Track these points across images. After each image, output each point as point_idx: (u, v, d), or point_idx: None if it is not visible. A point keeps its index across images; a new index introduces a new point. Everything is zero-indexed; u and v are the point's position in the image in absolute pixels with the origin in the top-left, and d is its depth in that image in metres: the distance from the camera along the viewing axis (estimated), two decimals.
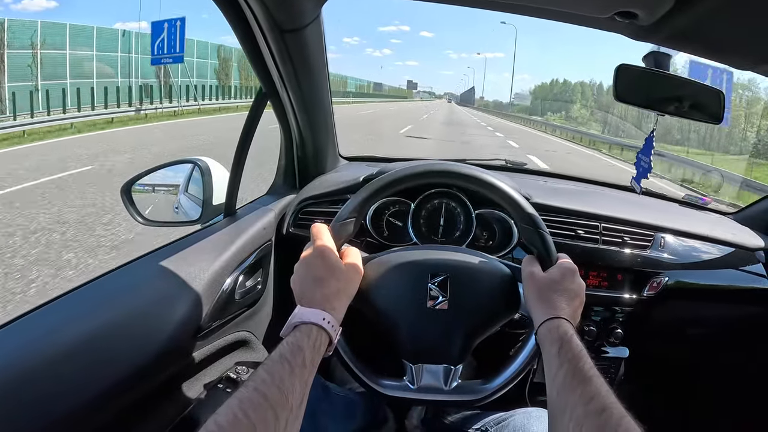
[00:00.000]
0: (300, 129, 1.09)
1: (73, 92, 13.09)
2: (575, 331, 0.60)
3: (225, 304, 0.83)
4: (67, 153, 7.75)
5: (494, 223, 1.06)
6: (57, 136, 9.84)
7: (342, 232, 0.69)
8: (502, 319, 0.72)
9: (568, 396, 0.51)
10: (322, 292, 0.61)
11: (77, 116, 11.87)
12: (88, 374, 0.60)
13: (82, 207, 4.63)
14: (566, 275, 0.67)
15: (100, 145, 8.72)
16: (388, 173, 0.73)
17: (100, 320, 0.65)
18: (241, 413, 0.44)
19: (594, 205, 1.09)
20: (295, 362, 0.52)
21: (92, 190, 5.27)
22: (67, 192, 5.22)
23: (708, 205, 1.37)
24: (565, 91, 50.91)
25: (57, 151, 7.95)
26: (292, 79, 0.93)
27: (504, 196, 0.72)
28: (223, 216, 0.99)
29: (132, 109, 13.77)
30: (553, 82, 58.40)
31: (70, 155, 7.53)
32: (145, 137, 10.00)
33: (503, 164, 1.46)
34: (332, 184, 1.10)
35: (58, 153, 7.78)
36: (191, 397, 0.80)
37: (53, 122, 10.81)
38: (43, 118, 11.10)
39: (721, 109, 0.85)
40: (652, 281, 1.04)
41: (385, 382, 0.72)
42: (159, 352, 0.69)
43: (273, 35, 0.80)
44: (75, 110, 12.57)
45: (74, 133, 10.37)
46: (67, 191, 5.25)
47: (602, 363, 1.09)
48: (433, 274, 0.70)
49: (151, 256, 0.82)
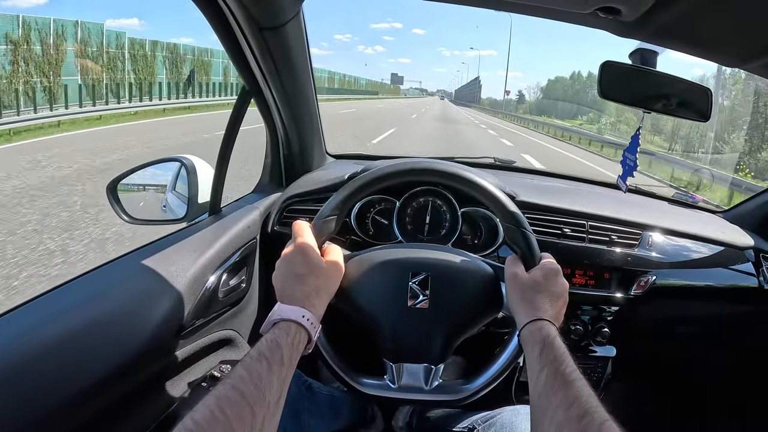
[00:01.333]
0: (285, 127, 1.08)
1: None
2: (558, 333, 0.60)
3: (208, 303, 0.83)
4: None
5: (480, 221, 1.06)
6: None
7: (324, 229, 0.69)
8: (484, 318, 0.72)
9: (549, 399, 0.51)
10: (302, 289, 0.61)
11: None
12: (67, 373, 0.60)
13: None
14: (549, 276, 0.66)
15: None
16: (371, 171, 0.73)
17: (80, 319, 0.65)
18: (217, 410, 0.44)
19: (581, 203, 1.09)
20: (273, 359, 0.51)
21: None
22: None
23: (698, 204, 1.37)
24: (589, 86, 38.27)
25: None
26: (274, 77, 0.92)
27: (486, 194, 0.71)
28: (208, 214, 0.98)
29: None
30: (575, 76, 46.94)
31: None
32: None
33: (492, 162, 1.46)
34: (318, 182, 1.09)
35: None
36: (175, 395, 0.79)
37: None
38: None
39: (709, 106, 0.85)
40: (640, 280, 1.04)
41: (365, 381, 0.71)
42: (141, 350, 0.69)
43: (252, 33, 0.80)
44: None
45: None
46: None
47: (589, 362, 1.09)
48: (414, 272, 0.70)
49: (133, 254, 0.81)
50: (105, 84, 15.36)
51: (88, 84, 14.38)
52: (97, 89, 14.49)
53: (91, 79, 14.80)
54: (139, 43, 17.37)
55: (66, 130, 9.81)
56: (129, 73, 16.59)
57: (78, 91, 13.34)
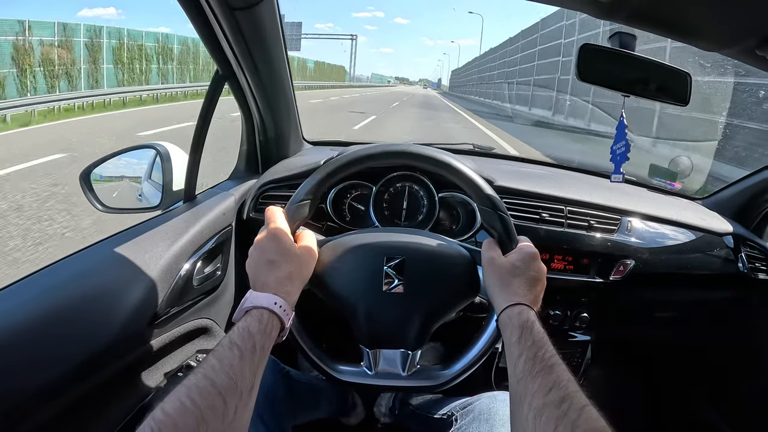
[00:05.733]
0: (260, 112, 1.06)
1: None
2: (537, 318, 0.59)
3: (183, 290, 0.81)
4: None
5: (458, 206, 1.05)
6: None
7: (297, 214, 0.68)
8: (461, 303, 0.72)
9: (528, 384, 0.51)
10: (275, 275, 0.60)
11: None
12: (36, 364, 0.58)
13: None
14: (527, 259, 0.66)
15: None
16: (345, 154, 0.71)
17: (49, 308, 0.63)
18: (188, 400, 0.43)
19: (560, 188, 1.09)
20: (245, 348, 0.51)
21: None
22: None
23: (677, 190, 1.38)
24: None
25: None
26: (247, 60, 0.90)
27: (462, 177, 0.71)
28: (183, 201, 0.96)
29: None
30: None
31: None
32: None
33: (471, 148, 1.45)
34: (293, 168, 1.08)
35: None
36: (151, 385, 0.78)
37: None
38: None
39: (688, 91, 0.84)
40: (618, 265, 1.04)
41: (342, 368, 0.71)
42: (113, 339, 0.67)
43: (223, 13, 0.78)
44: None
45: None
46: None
47: (568, 347, 1.10)
48: (389, 256, 0.69)
49: (105, 242, 0.79)
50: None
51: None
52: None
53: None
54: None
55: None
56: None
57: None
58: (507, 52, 26.62)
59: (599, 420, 0.44)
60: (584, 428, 0.43)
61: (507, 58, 26.20)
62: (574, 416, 0.44)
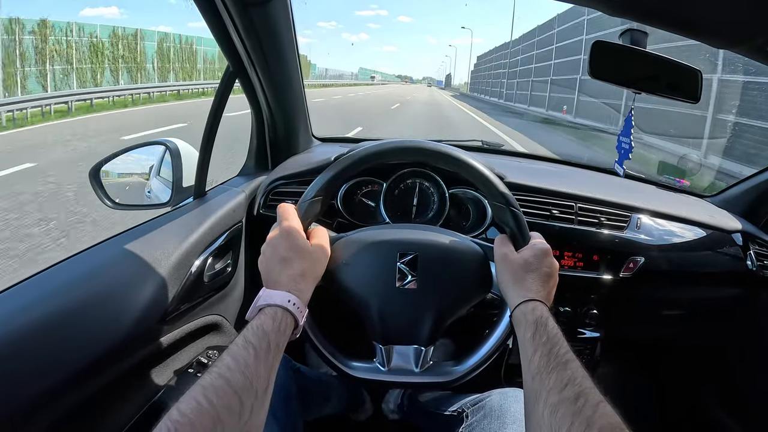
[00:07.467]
0: (270, 108, 1.06)
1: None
2: (551, 314, 0.59)
3: (193, 287, 0.82)
4: None
5: (468, 202, 1.05)
6: None
7: (309, 211, 0.68)
8: (474, 299, 0.72)
9: (543, 381, 0.50)
10: (288, 273, 0.60)
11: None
12: (48, 360, 0.58)
13: None
14: (540, 255, 0.65)
15: None
16: (357, 150, 0.71)
17: (61, 305, 0.63)
18: (204, 400, 0.43)
19: (570, 185, 1.08)
20: (259, 346, 0.51)
21: None
22: None
23: (686, 188, 1.37)
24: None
25: None
26: (259, 56, 0.90)
27: (475, 173, 0.70)
28: (193, 198, 0.96)
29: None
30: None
31: None
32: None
33: (480, 145, 1.45)
34: (303, 164, 1.08)
35: None
36: (161, 382, 0.78)
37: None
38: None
39: (699, 88, 0.84)
40: (628, 262, 1.04)
41: (355, 364, 0.71)
42: (124, 336, 0.67)
43: (236, 8, 0.78)
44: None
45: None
46: None
47: (578, 344, 1.09)
48: (402, 253, 0.69)
49: (116, 239, 0.79)
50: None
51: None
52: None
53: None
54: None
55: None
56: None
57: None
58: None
59: (614, 416, 0.44)
60: (600, 424, 0.43)
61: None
62: (590, 412, 0.44)
